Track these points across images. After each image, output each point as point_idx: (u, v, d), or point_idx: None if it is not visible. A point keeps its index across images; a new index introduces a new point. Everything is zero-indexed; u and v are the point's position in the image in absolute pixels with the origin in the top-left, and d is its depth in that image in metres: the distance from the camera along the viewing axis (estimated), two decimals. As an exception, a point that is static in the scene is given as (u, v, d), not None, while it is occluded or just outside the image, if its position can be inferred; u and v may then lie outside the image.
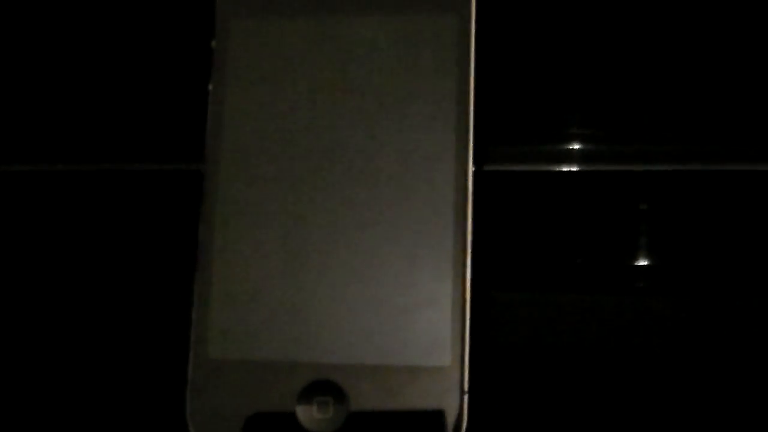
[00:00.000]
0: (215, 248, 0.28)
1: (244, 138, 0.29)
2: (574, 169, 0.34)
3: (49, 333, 0.35)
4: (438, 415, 0.26)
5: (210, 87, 0.29)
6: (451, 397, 0.27)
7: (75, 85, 0.36)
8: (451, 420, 0.26)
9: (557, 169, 0.34)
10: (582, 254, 0.34)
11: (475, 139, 0.28)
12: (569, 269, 0.34)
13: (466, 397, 0.27)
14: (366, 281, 0.28)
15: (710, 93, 0.34)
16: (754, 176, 0.33)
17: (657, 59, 0.34)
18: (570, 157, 0.34)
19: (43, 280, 0.36)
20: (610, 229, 0.34)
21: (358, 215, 0.28)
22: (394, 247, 0.28)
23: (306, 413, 0.27)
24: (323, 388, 0.27)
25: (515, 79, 0.35)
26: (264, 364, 0.28)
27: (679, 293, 0.33)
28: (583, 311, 0.34)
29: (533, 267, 0.34)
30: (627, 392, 0.33)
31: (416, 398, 0.27)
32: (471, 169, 0.28)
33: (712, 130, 0.34)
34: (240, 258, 0.28)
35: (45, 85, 0.37)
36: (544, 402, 0.33)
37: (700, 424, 0.32)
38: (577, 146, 0.34)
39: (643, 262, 0.34)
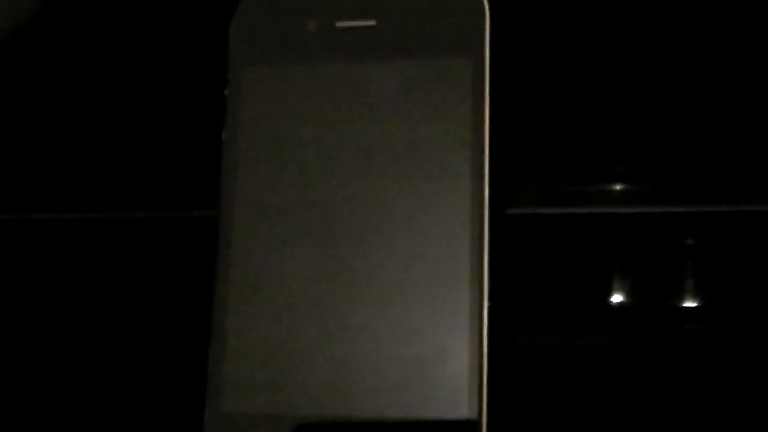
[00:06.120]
0: (231, 299, 0.28)
1: (258, 186, 0.29)
2: (604, 211, 0.33)
3: (60, 384, 0.35)
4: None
5: (223, 135, 0.29)
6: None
7: (93, 135, 0.37)
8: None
9: (584, 212, 0.33)
10: (618, 296, 0.33)
11: (498, 183, 0.28)
12: (604, 312, 0.33)
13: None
14: (382, 333, 0.27)
15: (759, 131, 0.33)
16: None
17: (700, 94, 0.33)
18: (610, 198, 0.33)
19: (52, 331, 0.36)
20: (648, 271, 0.33)
21: (372, 265, 0.27)
22: (410, 298, 0.27)
23: (321, 469, 0.26)
24: (338, 443, 0.27)
25: (547, 122, 0.34)
26: (280, 418, 0.27)
27: (726, 337, 0.32)
28: (620, 355, 0.32)
29: (567, 310, 0.33)
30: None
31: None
32: (487, 213, 0.27)
33: (758, 169, 0.32)
34: (256, 309, 0.28)
35: (62, 134, 0.37)
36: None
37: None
38: (617, 187, 0.33)
39: (688, 304, 0.32)
